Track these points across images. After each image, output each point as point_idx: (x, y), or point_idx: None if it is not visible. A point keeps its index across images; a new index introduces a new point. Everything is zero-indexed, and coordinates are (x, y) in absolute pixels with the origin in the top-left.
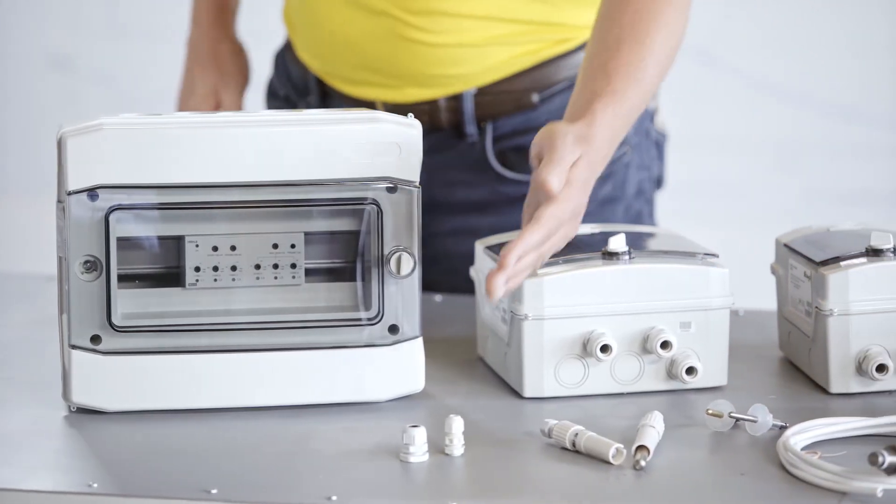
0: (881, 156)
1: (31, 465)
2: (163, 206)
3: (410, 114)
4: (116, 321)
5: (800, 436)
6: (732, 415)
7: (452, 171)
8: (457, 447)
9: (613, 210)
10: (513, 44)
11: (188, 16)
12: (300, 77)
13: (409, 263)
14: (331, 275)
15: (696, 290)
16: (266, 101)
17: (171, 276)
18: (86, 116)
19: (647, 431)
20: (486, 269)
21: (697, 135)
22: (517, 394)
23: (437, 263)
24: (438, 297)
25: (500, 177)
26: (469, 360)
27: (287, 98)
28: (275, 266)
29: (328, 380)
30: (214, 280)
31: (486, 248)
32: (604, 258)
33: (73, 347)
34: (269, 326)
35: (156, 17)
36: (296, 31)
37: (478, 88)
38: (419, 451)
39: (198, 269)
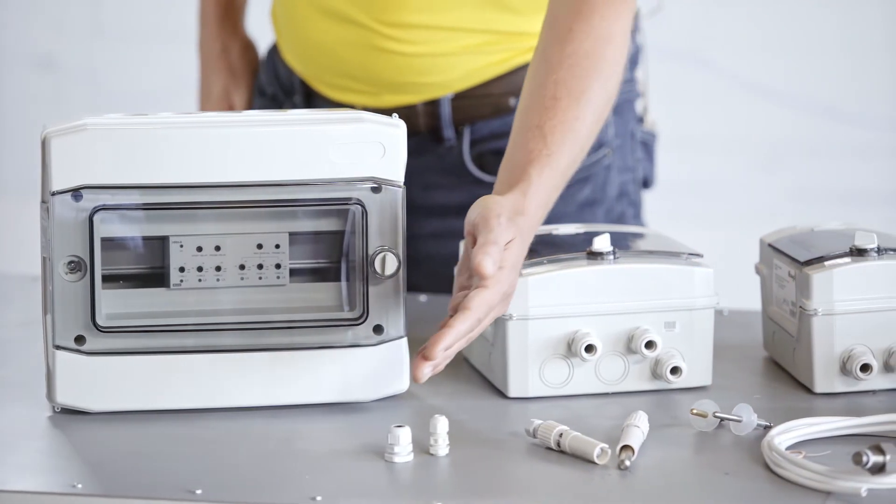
0: (868, 156)
1: (15, 466)
2: (147, 207)
3: (395, 114)
4: (101, 322)
5: (784, 435)
6: (717, 414)
7: (430, 175)
8: (441, 447)
9: (593, 213)
10: (485, 53)
11: (176, 17)
12: (287, 77)
13: (394, 263)
14: (315, 275)
15: (681, 290)
16: (254, 99)
17: (156, 277)
18: (70, 116)
19: (632, 431)
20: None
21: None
22: (502, 394)
23: (418, 266)
24: (423, 298)
25: (478, 180)
26: (454, 361)
27: (274, 97)
28: (259, 266)
29: (313, 380)
30: (199, 280)
31: None
32: (588, 258)
33: (58, 348)
34: (254, 327)
35: (140, 18)
36: (281, 34)
37: (455, 93)
38: (404, 451)
39: (182, 270)
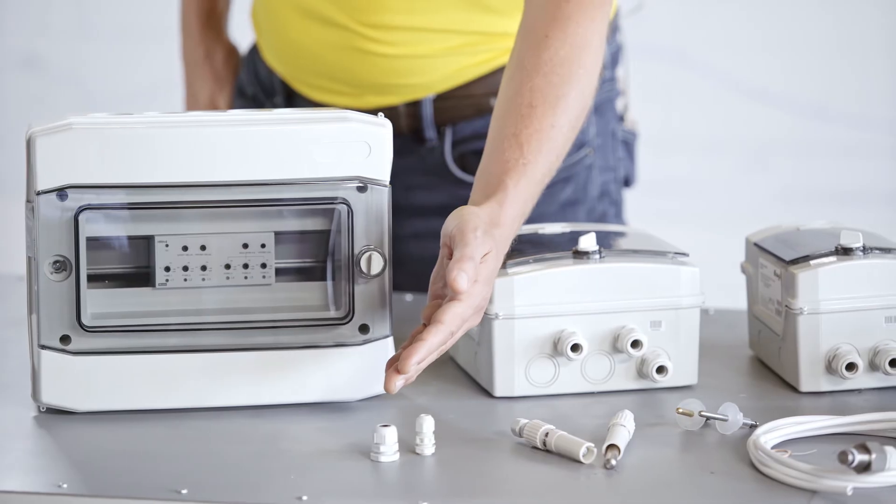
0: (854, 155)
1: (0, 466)
2: (132, 206)
3: (380, 113)
4: (86, 321)
5: (770, 434)
6: (703, 413)
7: (412, 175)
8: (427, 446)
9: (575, 213)
10: (467, 54)
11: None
12: (267, 77)
13: (380, 263)
14: (301, 274)
15: (667, 290)
16: (235, 100)
17: (141, 276)
18: (55, 116)
19: (618, 430)
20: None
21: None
22: (488, 393)
23: (401, 266)
24: (409, 297)
25: (459, 180)
26: (440, 360)
27: (255, 97)
28: (245, 266)
29: (299, 379)
30: (184, 280)
31: None
32: (574, 257)
33: (43, 347)
34: (240, 326)
35: (125, 18)
36: (261, 34)
37: (436, 94)
38: (390, 451)
39: (168, 269)
